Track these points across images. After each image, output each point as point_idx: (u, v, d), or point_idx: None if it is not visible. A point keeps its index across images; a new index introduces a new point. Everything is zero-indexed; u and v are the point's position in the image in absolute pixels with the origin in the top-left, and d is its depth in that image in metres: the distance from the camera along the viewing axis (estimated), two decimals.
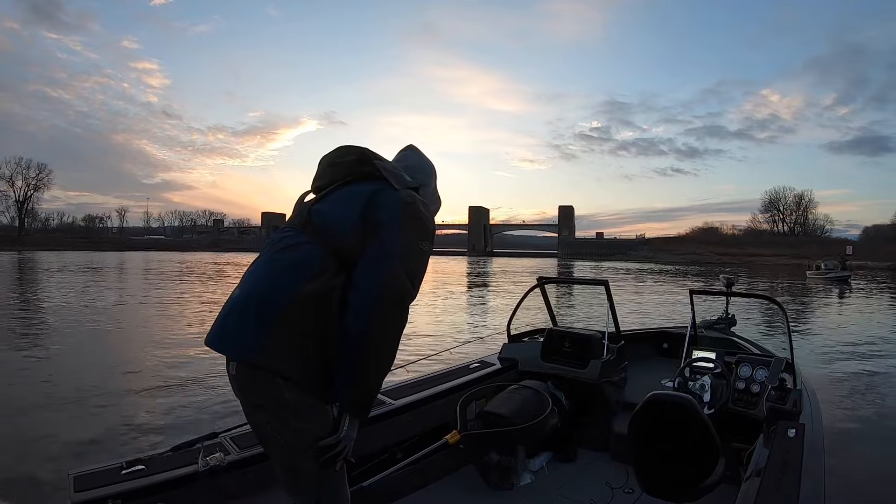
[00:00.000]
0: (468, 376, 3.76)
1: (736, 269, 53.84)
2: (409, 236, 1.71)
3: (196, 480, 2.31)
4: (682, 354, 3.78)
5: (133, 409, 6.14)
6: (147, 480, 2.22)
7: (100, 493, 2.09)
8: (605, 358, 3.73)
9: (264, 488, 2.37)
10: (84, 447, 4.97)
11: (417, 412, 3.30)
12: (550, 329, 4.11)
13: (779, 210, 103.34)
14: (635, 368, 4.10)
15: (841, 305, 21.51)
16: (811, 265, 45.57)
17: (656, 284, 30.58)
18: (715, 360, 3.44)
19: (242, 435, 2.65)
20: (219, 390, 6.55)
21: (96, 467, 2.29)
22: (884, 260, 64.77)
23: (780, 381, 3.06)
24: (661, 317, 14.32)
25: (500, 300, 20.29)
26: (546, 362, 3.91)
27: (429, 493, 3.13)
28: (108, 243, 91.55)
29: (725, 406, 3.24)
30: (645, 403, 2.50)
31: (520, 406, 3.34)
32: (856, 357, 9.93)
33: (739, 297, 4.84)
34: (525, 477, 3.36)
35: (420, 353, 6.90)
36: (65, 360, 8.64)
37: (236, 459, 2.45)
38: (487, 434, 3.25)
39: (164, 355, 8.99)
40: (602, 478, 3.35)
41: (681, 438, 2.39)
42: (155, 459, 2.38)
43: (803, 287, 31.32)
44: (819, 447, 2.66)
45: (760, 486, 2.14)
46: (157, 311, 15.09)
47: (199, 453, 2.43)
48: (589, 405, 3.73)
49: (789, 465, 2.30)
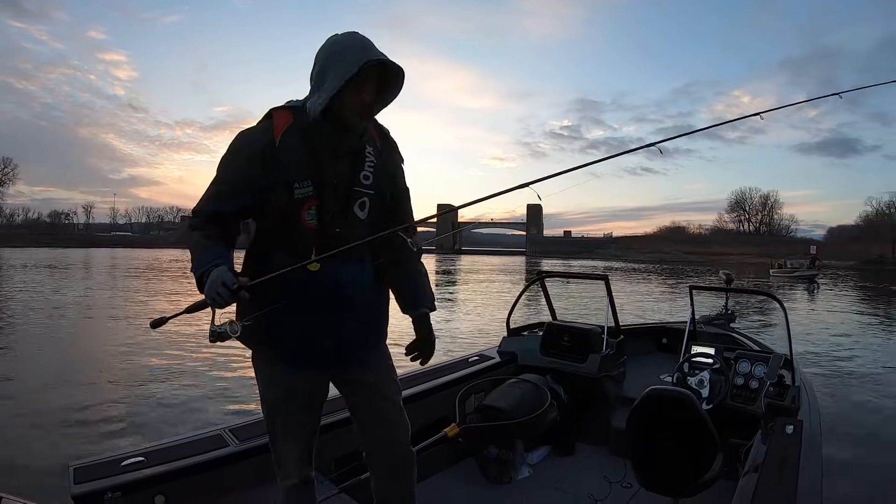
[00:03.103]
0: (467, 370, 3.76)
1: (702, 267, 54.72)
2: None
3: (196, 473, 2.33)
4: (682, 350, 3.80)
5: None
6: (147, 473, 2.23)
7: (99, 485, 2.10)
8: (604, 352, 3.74)
9: (264, 481, 2.37)
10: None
11: (416, 405, 3.28)
12: (550, 323, 4.11)
13: (745, 210, 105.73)
14: (634, 363, 4.11)
15: (810, 302, 21.89)
16: (773, 263, 46.51)
17: (621, 282, 30.74)
18: (714, 356, 3.45)
19: (242, 427, 2.67)
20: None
21: (96, 459, 2.30)
22: (847, 259, 66.79)
23: (779, 378, 3.07)
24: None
25: (470, 296, 20.25)
26: (545, 356, 3.91)
27: (427, 486, 3.13)
28: (74, 240, 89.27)
29: (724, 402, 3.26)
30: (643, 398, 2.50)
31: (519, 400, 3.34)
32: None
33: (739, 293, 4.91)
34: (524, 470, 3.37)
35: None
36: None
37: (236, 452, 2.46)
38: (486, 427, 3.25)
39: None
40: (600, 472, 3.36)
41: (679, 434, 2.39)
42: (154, 452, 2.39)
43: (767, 285, 31.92)
44: (817, 443, 2.66)
45: (758, 482, 2.15)
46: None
47: (198, 446, 2.45)
48: (588, 399, 3.74)
49: (787, 461, 2.31)
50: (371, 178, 1.83)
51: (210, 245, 1.69)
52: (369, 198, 1.83)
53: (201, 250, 1.68)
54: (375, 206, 1.85)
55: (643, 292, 23.64)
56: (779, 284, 32.39)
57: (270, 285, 1.66)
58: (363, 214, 1.83)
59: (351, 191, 1.80)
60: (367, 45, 1.69)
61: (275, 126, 1.73)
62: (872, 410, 6.70)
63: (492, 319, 13.17)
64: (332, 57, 1.68)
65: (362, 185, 1.82)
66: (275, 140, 1.71)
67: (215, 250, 1.68)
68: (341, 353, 1.88)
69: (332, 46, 1.70)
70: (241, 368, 7.69)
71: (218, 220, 1.74)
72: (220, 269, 1.61)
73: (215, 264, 1.62)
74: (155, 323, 1.70)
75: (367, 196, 1.83)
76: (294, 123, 1.73)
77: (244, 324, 1.66)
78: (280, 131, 1.72)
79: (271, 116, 1.76)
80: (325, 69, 1.69)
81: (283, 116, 1.75)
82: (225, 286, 1.58)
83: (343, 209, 1.79)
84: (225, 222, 1.76)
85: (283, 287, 1.69)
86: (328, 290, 1.78)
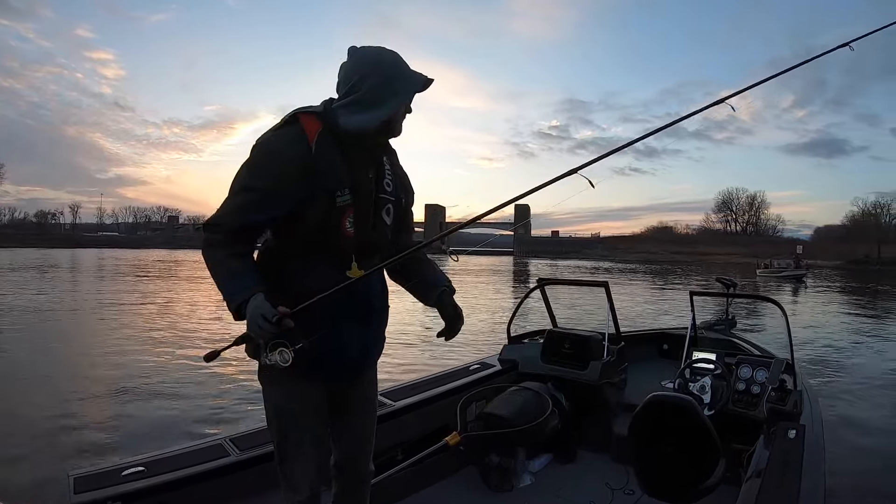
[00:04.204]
0: (468, 378, 3.75)
1: (688, 267, 55.10)
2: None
3: (196, 483, 2.32)
4: (683, 356, 3.80)
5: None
6: (147, 482, 2.22)
7: (100, 495, 2.09)
8: (605, 359, 3.73)
9: (264, 491, 2.36)
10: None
11: (417, 413, 3.29)
12: (550, 330, 4.10)
13: (731, 210, 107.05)
14: (635, 370, 4.11)
15: (802, 304, 22.07)
16: (759, 263, 46.88)
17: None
18: (715, 362, 3.45)
19: (242, 437, 2.65)
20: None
21: (96, 469, 2.30)
22: (833, 259, 67.57)
23: (781, 382, 3.07)
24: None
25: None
26: (546, 363, 3.90)
27: (429, 495, 3.13)
28: (61, 240, 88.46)
29: (726, 407, 3.26)
30: (645, 405, 2.50)
31: (520, 407, 3.32)
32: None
33: (740, 298, 4.91)
34: (525, 478, 3.35)
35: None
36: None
37: (236, 461, 2.45)
38: (488, 435, 3.23)
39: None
40: (602, 479, 3.35)
41: (681, 440, 2.39)
42: (155, 461, 2.38)
43: (753, 284, 32.12)
44: (819, 448, 2.67)
45: (761, 488, 2.14)
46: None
47: (198, 455, 2.44)
48: (589, 406, 3.73)
49: (790, 466, 2.30)
50: (392, 186, 1.86)
51: (239, 268, 1.62)
52: (392, 204, 1.86)
53: (230, 276, 1.61)
54: (397, 212, 1.89)
55: (629, 293, 23.65)
56: (766, 285, 32.56)
57: (309, 306, 1.60)
58: (389, 220, 1.86)
59: (378, 198, 1.81)
60: (405, 62, 1.71)
61: (306, 131, 1.65)
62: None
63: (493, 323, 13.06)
64: (391, 77, 1.66)
65: (386, 192, 1.84)
66: (310, 146, 1.63)
67: (247, 274, 1.62)
68: (361, 364, 1.89)
69: (384, 67, 1.66)
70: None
71: (245, 234, 1.66)
72: (256, 298, 1.55)
73: (251, 294, 1.56)
74: (208, 356, 1.64)
75: (390, 203, 1.86)
76: (325, 130, 1.67)
77: (296, 349, 1.60)
78: (314, 138, 1.64)
79: (297, 120, 1.67)
80: (381, 86, 1.65)
81: (312, 122, 1.67)
82: (265, 319, 1.51)
83: (374, 216, 1.80)
84: (254, 236, 1.69)
85: (321, 299, 1.63)
86: (362, 296, 1.79)
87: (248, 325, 1.55)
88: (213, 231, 1.64)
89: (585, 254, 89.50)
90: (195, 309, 15.54)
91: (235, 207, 1.63)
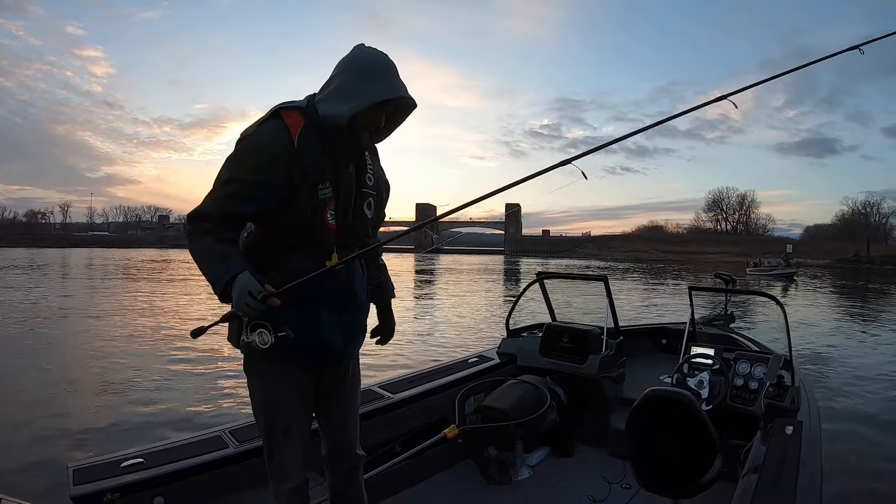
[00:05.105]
0: (467, 371, 3.76)
1: (679, 265, 55.27)
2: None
3: (195, 474, 2.33)
4: (681, 351, 3.80)
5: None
6: (146, 474, 2.23)
7: (99, 487, 2.09)
8: (603, 353, 3.73)
9: (263, 482, 2.34)
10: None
11: (416, 406, 3.30)
12: (549, 324, 4.10)
13: (722, 209, 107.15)
14: (633, 364, 4.12)
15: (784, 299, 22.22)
16: (749, 262, 47.13)
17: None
18: (713, 357, 3.45)
19: (241, 429, 2.67)
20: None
21: (95, 460, 2.30)
22: (823, 258, 67.98)
23: (779, 378, 3.07)
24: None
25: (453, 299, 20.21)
26: (544, 357, 3.90)
27: (427, 488, 3.13)
28: (52, 240, 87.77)
29: (723, 402, 3.27)
30: (643, 399, 2.49)
31: (518, 401, 3.34)
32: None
33: (738, 294, 4.92)
34: (523, 471, 3.36)
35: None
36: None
37: (235, 453, 2.47)
38: (486, 428, 3.25)
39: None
40: (600, 473, 3.36)
41: (679, 435, 2.39)
42: (154, 453, 2.39)
43: (743, 283, 32.26)
44: (817, 444, 2.68)
45: (758, 483, 2.15)
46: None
47: (197, 447, 2.46)
48: (587, 400, 3.74)
49: (786, 461, 2.32)
50: (373, 180, 1.93)
51: (226, 251, 1.63)
52: (373, 198, 1.93)
53: (218, 256, 1.61)
54: (378, 205, 1.97)
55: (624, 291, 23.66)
56: (756, 284, 32.72)
57: (294, 287, 1.64)
58: (370, 213, 1.92)
59: (360, 192, 1.87)
60: (393, 71, 1.71)
61: (289, 126, 1.68)
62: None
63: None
64: (363, 75, 1.67)
65: (367, 187, 1.90)
66: (293, 141, 1.67)
67: (233, 256, 1.63)
68: (345, 349, 1.93)
69: (365, 64, 1.69)
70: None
71: (232, 223, 1.68)
72: (243, 276, 1.56)
73: (238, 271, 1.57)
74: (195, 332, 1.61)
75: (371, 196, 1.92)
76: (307, 125, 1.70)
77: (278, 335, 1.62)
78: (296, 132, 1.68)
79: (279, 115, 1.70)
80: (351, 82, 1.68)
81: (294, 117, 1.70)
82: (252, 296, 1.53)
83: (355, 209, 1.86)
84: (238, 226, 1.71)
85: (304, 287, 1.66)
86: (343, 286, 1.85)
87: (235, 302, 1.56)
88: (198, 221, 1.67)
89: (576, 253, 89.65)
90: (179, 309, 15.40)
91: (220, 198, 1.66)
